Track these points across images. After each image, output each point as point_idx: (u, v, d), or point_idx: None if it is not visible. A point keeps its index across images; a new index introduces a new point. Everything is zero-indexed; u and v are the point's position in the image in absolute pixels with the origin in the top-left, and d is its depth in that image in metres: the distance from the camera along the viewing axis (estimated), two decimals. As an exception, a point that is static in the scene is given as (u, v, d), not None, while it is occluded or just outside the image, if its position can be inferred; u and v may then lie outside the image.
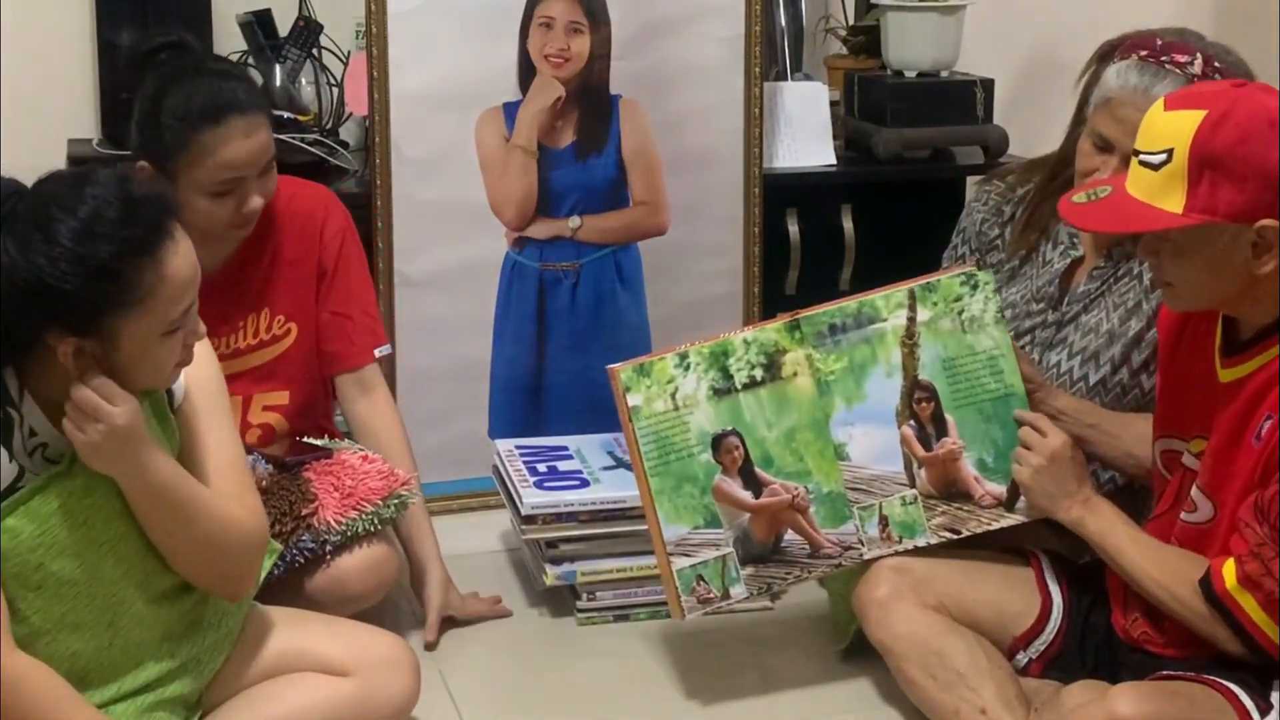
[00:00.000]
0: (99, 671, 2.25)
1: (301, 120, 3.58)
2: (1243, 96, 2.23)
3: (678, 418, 2.62)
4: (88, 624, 2.22)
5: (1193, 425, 2.41)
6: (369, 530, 2.80)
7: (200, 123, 2.66)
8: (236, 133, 2.67)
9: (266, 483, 2.78)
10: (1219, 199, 2.20)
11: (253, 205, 2.74)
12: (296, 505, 2.76)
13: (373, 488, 2.82)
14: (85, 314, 2.08)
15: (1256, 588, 2.23)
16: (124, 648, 2.27)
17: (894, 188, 3.90)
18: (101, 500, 2.21)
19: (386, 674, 2.46)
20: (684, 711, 2.75)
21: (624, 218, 3.53)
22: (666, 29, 3.49)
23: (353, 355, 2.97)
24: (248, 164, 2.70)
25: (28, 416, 2.16)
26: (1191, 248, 2.26)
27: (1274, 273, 2.24)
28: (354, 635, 2.51)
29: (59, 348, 2.09)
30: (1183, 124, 2.21)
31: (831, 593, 2.89)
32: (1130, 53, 2.66)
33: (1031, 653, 2.57)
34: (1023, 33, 4.21)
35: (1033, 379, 2.71)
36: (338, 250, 2.94)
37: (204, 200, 2.70)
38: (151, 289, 2.09)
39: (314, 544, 2.76)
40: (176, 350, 2.17)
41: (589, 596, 3.03)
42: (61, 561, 2.18)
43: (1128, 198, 2.28)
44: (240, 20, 3.61)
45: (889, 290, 2.67)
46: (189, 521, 2.23)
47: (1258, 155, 2.19)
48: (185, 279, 2.13)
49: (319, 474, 2.85)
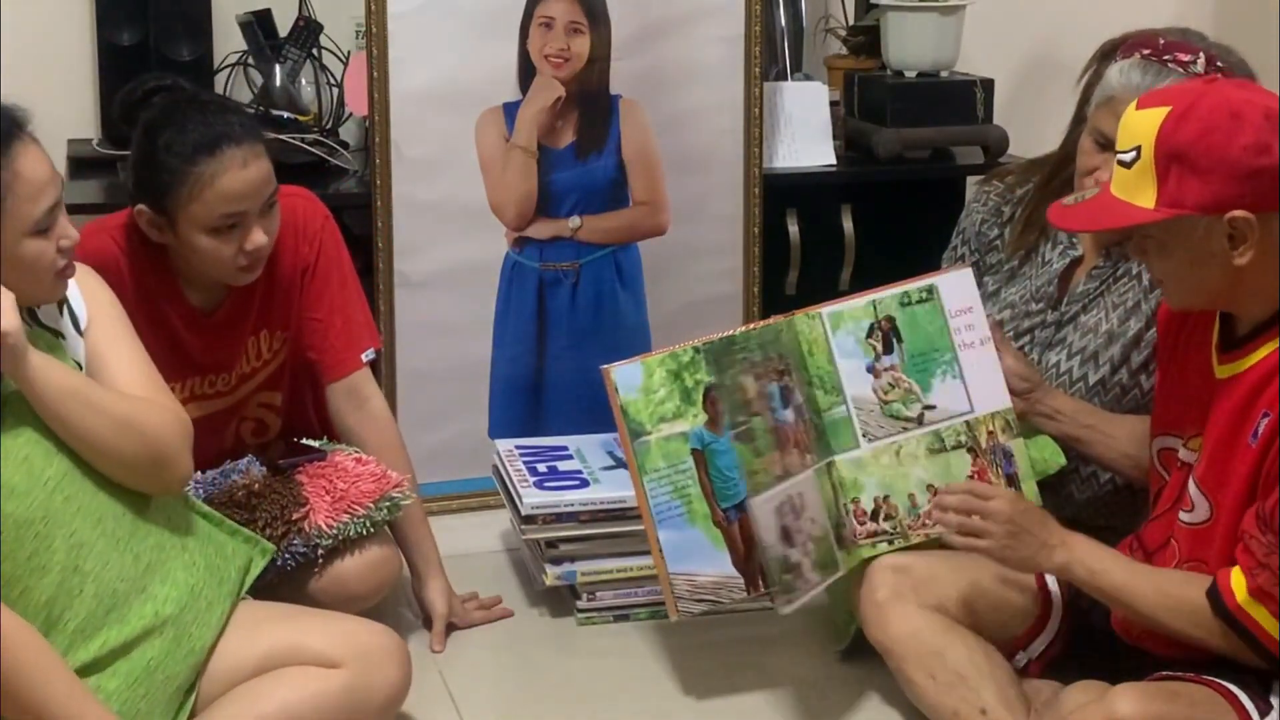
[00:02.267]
0: (78, 623, 2.27)
1: (301, 120, 3.58)
2: (1209, 91, 2.26)
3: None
4: (53, 567, 2.25)
5: (1190, 422, 2.41)
6: (361, 534, 2.79)
7: (196, 155, 2.60)
8: (233, 164, 2.61)
9: (259, 486, 2.78)
10: (1186, 192, 2.22)
11: (255, 241, 2.67)
12: (288, 510, 2.75)
13: (365, 490, 2.80)
14: None
15: (1269, 599, 2.21)
16: (96, 595, 2.28)
17: (894, 188, 3.90)
18: (35, 435, 2.26)
19: (377, 664, 2.46)
20: (684, 711, 2.75)
21: (624, 218, 3.53)
22: (666, 29, 3.49)
23: (337, 364, 2.90)
24: (246, 196, 2.64)
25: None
26: (1170, 242, 2.28)
27: (1256, 263, 2.24)
28: (344, 627, 2.51)
29: None
30: (1150, 121, 2.24)
31: (831, 593, 2.89)
32: (1133, 51, 2.67)
33: (1031, 653, 2.57)
34: (1023, 33, 4.21)
35: (1030, 379, 2.71)
36: (316, 253, 2.87)
37: (206, 239, 2.65)
38: (9, 186, 2.20)
39: (305, 548, 2.75)
40: (50, 253, 2.26)
41: (589, 596, 3.03)
42: (13, 502, 2.22)
43: (1110, 197, 2.30)
44: (240, 20, 3.61)
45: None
46: (99, 408, 2.30)
47: (1220, 146, 2.20)
48: (41, 178, 2.25)
49: (311, 477, 2.83)
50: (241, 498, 2.75)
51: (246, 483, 2.78)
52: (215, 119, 2.65)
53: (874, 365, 2.70)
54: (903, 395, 2.69)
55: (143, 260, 2.73)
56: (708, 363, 2.65)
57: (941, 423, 2.69)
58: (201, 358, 2.83)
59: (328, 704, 2.39)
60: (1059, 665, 2.56)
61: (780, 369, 2.67)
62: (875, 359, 2.70)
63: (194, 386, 2.81)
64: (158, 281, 2.77)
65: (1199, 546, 2.36)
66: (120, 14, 3.52)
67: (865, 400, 2.68)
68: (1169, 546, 2.42)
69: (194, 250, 2.68)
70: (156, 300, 2.76)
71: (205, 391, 2.85)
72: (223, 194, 2.62)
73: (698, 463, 2.63)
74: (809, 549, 2.63)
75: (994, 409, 2.69)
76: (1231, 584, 2.25)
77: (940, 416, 2.70)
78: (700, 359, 2.65)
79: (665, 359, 2.64)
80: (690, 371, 2.64)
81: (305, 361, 2.92)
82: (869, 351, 2.70)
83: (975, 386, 2.70)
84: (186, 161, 2.60)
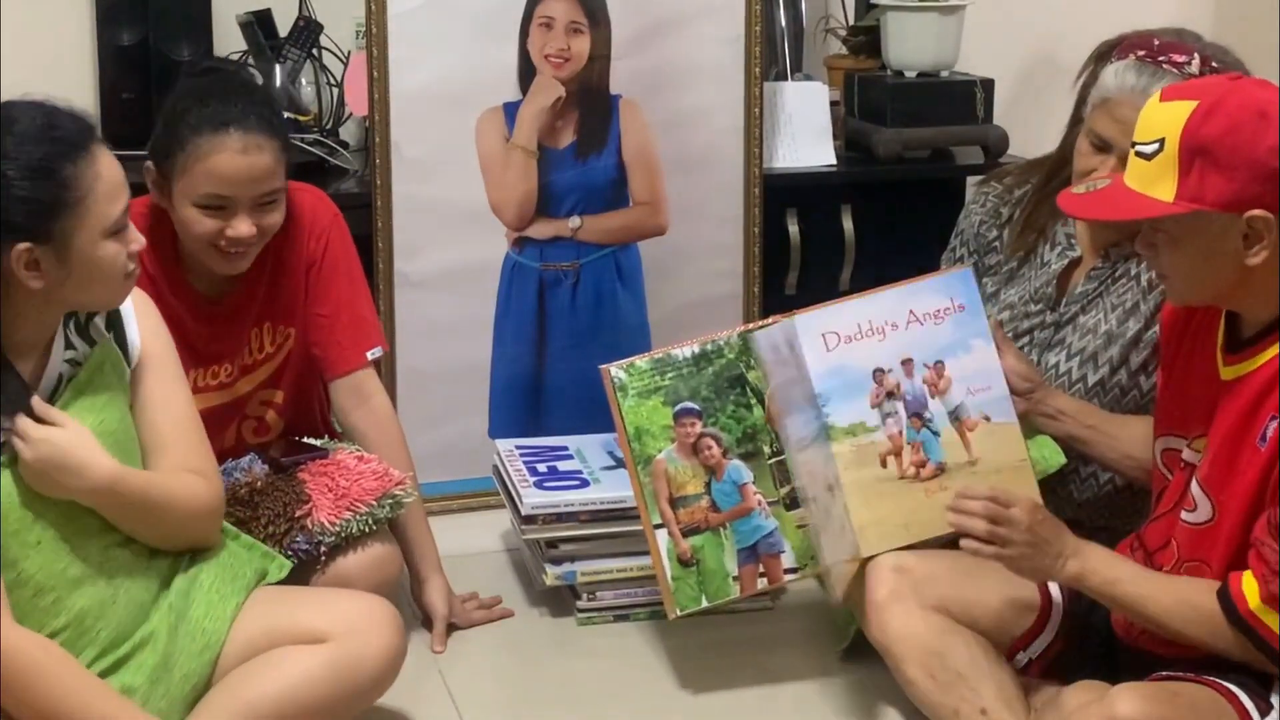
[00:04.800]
0: (108, 631, 2.31)
1: (301, 120, 3.58)
2: (1236, 88, 2.25)
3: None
4: (86, 579, 2.29)
5: (1195, 423, 2.41)
6: (363, 531, 2.80)
7: (202, 126, 2.66)
8: (231, 146, 2.65)
9: (261, 484, 2.79)
10: (1208, 187, 2.21)
11: (237, 230, 2.69)
12: (290, 507, 2.75)
13: (367, 488, 2.81)
14: (34, 218, 2.19)
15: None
16: (126, 604, 2.33)
17: (894, 188, 3.90)
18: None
19: (364, 634, 2.46)
20: (683, 711, 2.75)
21: (624, 218, 3.53)
22: (666, 29, 3.49)
23: (341, 360, 2.91)
24: (235, 182, 2.66)
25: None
26: (1184, 237, 2.27)
27: (1268, 264, 2.24)
28: (330, 599, 2.54)
29: (12, 255, 2.18)
30: (1175, 114, 2.23)
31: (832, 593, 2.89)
32: (1128, 53, 2.67)
33: (1031, 653, 2.57)
34: (1023, 33, 4.21)
35: (1031, 379, 2.71)
36: (323, 249, 2.89)
37: (191, 212, 2.69)
38: (90, 186, 2.22)
39: (309, 545, 2.75)
40: (122, 256, 2.27)
41: (589, 596, 3.03)
42: (49, 517, 2.26)
43: (1123, 188, 2.29)
44: (240, 20, 3.61)
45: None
46: (145, 516, 2.36)
47: (1246, 145, 2.20)
48: (118, 179, 2.27)
49: (314, 475, 2.84)
50: (244, 495, 2.76)
51: (249, 480, 2.79)
52: (237, 103, 2.69)
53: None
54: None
55: (156, 245, 2.75)
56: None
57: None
58: (206, 346, 2.84)
59: (316, 679, 2.40)
60: (1059, 665, 2.56)
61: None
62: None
63: (197, 378, 2.82)
64: (168, 267, 2.80)
65: (1200, 547, 2.35)
66: (120, 14, 3.52)
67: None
68: (1168, 546, 2.42)
69: (180, 222, 2.71)
70: (165, 285, 2.78)
71: (208, 383, 2.86)
72: (212, 173, 2.66)
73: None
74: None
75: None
76: (1244, 590, 2.25)
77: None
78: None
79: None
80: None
81: (310, 359, 2.93)
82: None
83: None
84: (193, 132, 2.66)
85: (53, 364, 2.31)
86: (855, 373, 2.69)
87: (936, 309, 2.72)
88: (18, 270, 2.20)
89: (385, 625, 2.49)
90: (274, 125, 2.73)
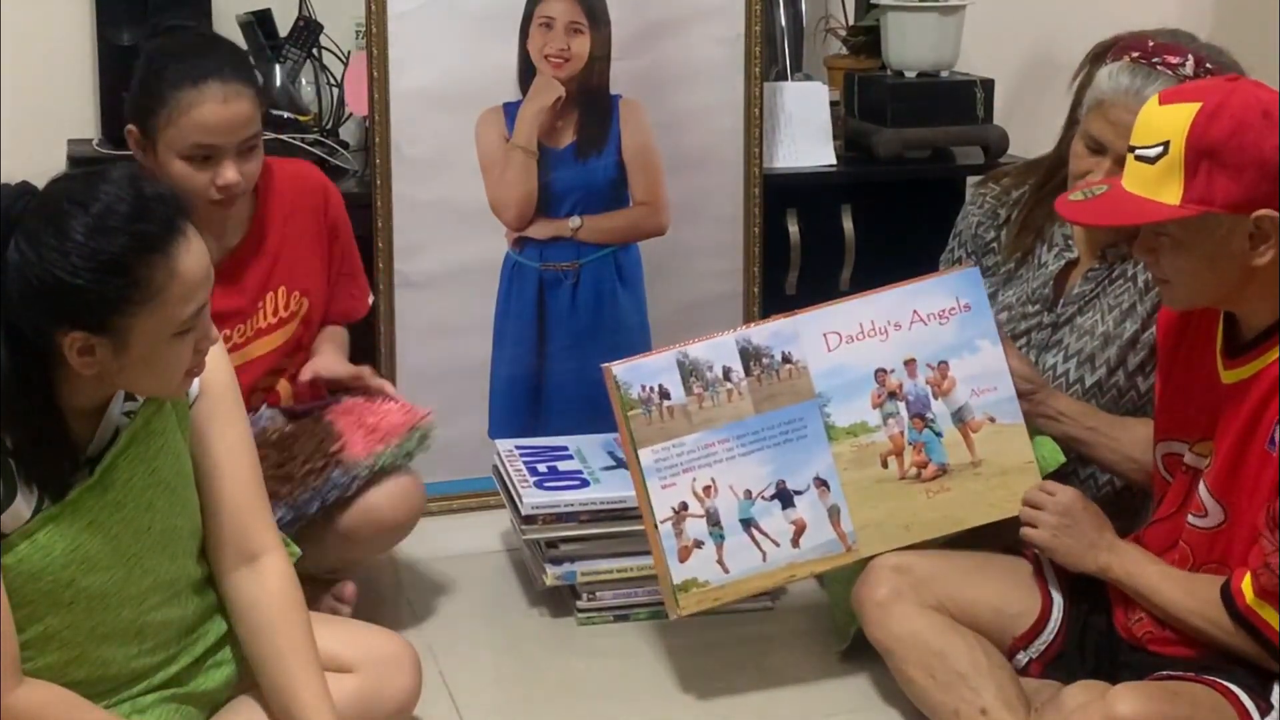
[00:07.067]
0: (129, 676, 2.26)
1: (301, 120, 3.58)
2: (1237, 89, 2.25)
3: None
4: (117, 634, 2.22)
5: (1196, 427, 2.41)
6: (395, 464, 2.86)
7: (181, 81, 2.71)
8: (213, 97, 2.71)
9: (291, 428, 2.86)
10: (1216, 189, 2.21)
11: (226, 177, 2.74)
12: (325, 444, 2.82)
13: (394, 423, 2.88)
14: (96, 311, 2.04)
15: (1273, 598, 2.22)
16: (152, 650, 2.27)
17: (894, 188, 3.90)
18: (132, 514, 2.19)
19: (390, 671, 2.46)
20: (684, 711, 2.75)
21: (624, 218, 3.53)
22: (666, 29, 3.49)
23: (359, 308, 3.12)
24: (220, 131, 2.72)
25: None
26: (1189, 240, 2.26)
27: (1271, 265, 2.24)
28: (358, 633, 2.52)
29: (64, 341, 2.05)
30: (1178, 116, 2.22)
31: (831, 593, 2.90)
32: (1122, 54, 2.67)
33: (1031, 653, 2.57)
34: (1023, 33, 4.21)
35: (1032, 380, 2.71)
36: (339, 216, 3.04)
37: (179, 164, 2.73)
38: (162, 286, 2.05)
39: (345, 479, 2.80)
40: (186, 355, 2.13)
41: (589, 596, 3.03)
42: (92, 576, 2.17)
43: (1125, 193, 2.29)
44: (240, 20, 3.61)
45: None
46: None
47: (1253, 145, 2.20)
48: (197, 279, 2.10)
49: (339, 415, 2.90)
50: (275, 439, 2.81)
51: (277, 426, 2.85)
52: (210, 56, 2.77)
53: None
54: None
55: None
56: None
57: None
58: (215, 306, 2.85)
59: (340, 707, 2.39)
60: (1059, 665, 2.56)
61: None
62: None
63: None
64: None
65: (1215, 549, 2.36)
66: (120, 14, 3.51)
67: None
68: (1178, 549, 2.42)
69: (169, 176, 2.73)
70: None
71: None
72: (198, 124, 2.71)
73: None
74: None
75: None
76: (1242, 585, 2.26)
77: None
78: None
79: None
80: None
81: (332, 311, 3.04)
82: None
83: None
84: (172, 88, 2.71)
85: (109, 419, 2.19)
86: (856, 372, 2.69)
87: (942, 309, 2.73)
88: (70, 356, 2.06)
89: (409, 665, 2.50)
90: (248, 73, 2.83)
